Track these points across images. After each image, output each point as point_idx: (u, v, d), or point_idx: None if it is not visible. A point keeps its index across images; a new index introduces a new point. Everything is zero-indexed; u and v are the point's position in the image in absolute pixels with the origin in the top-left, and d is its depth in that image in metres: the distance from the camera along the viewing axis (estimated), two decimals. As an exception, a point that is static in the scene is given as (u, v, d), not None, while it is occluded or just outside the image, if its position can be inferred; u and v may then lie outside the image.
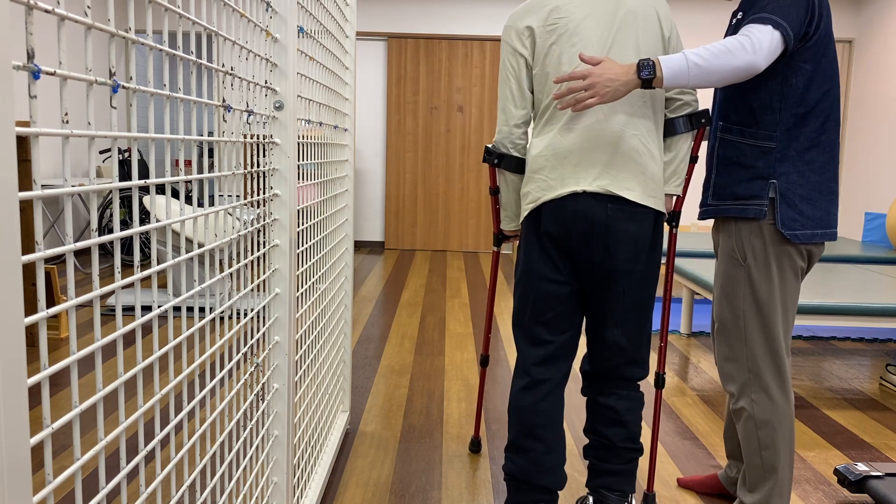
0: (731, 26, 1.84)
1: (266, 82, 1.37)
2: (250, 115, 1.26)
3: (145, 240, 5.99)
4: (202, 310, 4.98)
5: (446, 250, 7.39)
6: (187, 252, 4.33)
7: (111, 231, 6.28)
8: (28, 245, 3.38)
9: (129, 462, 1.88)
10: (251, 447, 1.38)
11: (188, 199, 6.10)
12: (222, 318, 4.41)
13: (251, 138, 1.30)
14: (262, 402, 1.46)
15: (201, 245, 4.17)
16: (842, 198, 7.09)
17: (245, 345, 1.63)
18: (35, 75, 0.62)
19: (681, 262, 3.86)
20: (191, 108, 2.08)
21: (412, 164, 7.31)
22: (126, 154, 6.05)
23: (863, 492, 2.12)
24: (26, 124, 3.68)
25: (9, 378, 0.57)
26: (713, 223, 1.96)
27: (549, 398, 1.82)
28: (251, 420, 1.39)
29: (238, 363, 2.09)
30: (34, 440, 0.64)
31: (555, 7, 1.74)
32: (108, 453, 2.35)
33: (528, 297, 1.82)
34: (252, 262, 1.81)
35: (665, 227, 5.21)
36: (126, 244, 5.87)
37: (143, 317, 0.91)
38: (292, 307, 1.51)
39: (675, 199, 1.92)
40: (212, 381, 1.37)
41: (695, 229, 7.00)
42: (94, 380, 3.03)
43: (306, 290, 1.85)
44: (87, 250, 6.15)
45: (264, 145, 1.39)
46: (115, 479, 0.81)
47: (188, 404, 1.04)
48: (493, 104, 7.25)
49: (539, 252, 1.79)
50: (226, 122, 1.14)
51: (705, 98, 7.47)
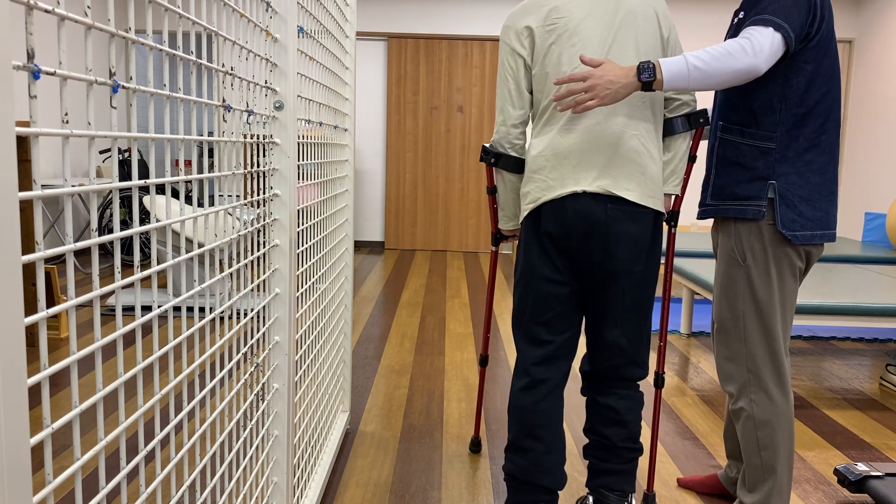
0: (732, 25, 1.83)
1: (266, 82, 1.37)
2: (250, 115, 1.26)
3: (145, 240, 5.98)
4: (202, 310, 4.98)
5: (446, 250, 7.39)
6: (187, 252, 4.33)
7: (111, 231, 6.28)
8: (28, 245, 3.38)
9: (129, 462, 1.88)
10: (251, 447, 1.38)
11: (188, 199, 6.10)
12: (222, 318, 4.41)
13: (251, 138, 1.30)
14: (262, 402, 1.46)
15: (201, 245, 4.17)
16: (842, 198, 7.09)
17: (245, 345, 1.63)
18: (35, 75, 0.62)
19: (681, 262, 3.86)
20: (191, 108, 2.08)
21: (412, 164, 7.31)
22: (126, 154, 6.05)
23: (863, 492, 2.12)
24: (26, 124, 3.68)
25: (9, 378, 0.57)
26: (713, 223, 1.96)
27: (549, 398, 1.82)
28: (251, 420, 1.39)
29: (238, 363, 2.09)
30: (34, 440, 0.64)
31: (554, 7, 1.73)
32: (108, 453, 2.35)
33: (527, 296, 1.82)
34: (252, 262, 1.81)
35: (664, 227, 5.20)
36: (126, 244, 5.87)
37: (143, 317, 0.91)
38: (292, 307, 1.51)
39: (673, 198, 1.91)
40: (212, 381, 1.37)
41: (695, 229, 7.00)
42: (94, 380, 3.03)
43: (306, 290, 1.85)
44: (87, 250, 6.15)
45: (264, 145, 1.39)
46: (115, 479, 0.81)
47: (188, 404, 1.04)
48: (493, 104, 7.25)
49: (539, 252, 1.79)
50: (226, 122, 1.14)
51: (706, 97, 7.47)
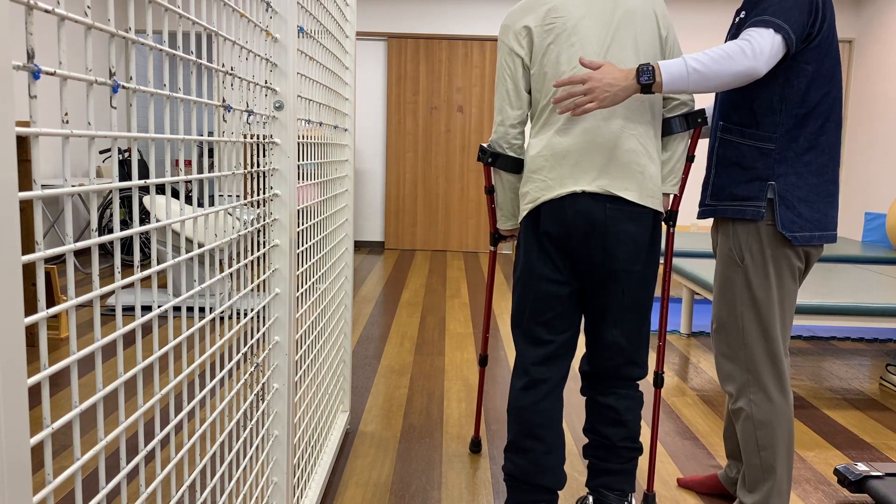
0: (733, 25, 1.83)
1: (266, 82, 1.37)
2: (250, 115, 1.26)
3: (145, 240, 5.99)
4: (202, 310, 4.98)
5: (446, 250, 7.39)
6: (187, 252, 4.33)
7: (111, 231, 6.28)
8: (28, 245, 3.38)
9: (129, 462, 1.88)
10: (251, 447, 1.38)
11: (188, 199, 6.10)
12: (222, 318, 4.41)
13: (251, 138, 1.30)
14: (262, 402, 1.46)
15: (201, 245, 4.17)
16: (842, 198, 7.09)
17: (245, 345, 1.63)
18: (35, 75, 0.62)
19: (680, 262, 3.86)
20: (191, 108, 2.08)
21: (412, 164, 7.31)
22: (126, 154, 6.05)
23: (863, 492, 2.12)
24: (26, 124, 3.68)
25: (9, 378, 0.57)
26: (712, 223, 1.96)
27: (549, 398, 1.82)
28: (251, 420, 1.39)
29: (238, 363, 2.09)
30: (34, 440, 0.64)
31: (552, 6, 1.73)
32: (108, 453, 2.35)
33: (527, 296, 1.82)
34: (252, 262, 1.81)
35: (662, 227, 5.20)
36: (126, 244, 5.87)
37: (143, 317, 0.91)
38: (292, 307, 1.51)
39: (671, 198, 1.92)
40: (212, 381, 1.37)
41: (694, 229, 7.00)
42: (94, 380, 3.03)
43: (306, 290, 1.85)
44: (87, 250, 6.15)
45: (264, 145, 1.39)
46: (115, 479, 0.81)
47: (188, 404, 1.04)
48: (492, 104, 7.25)
49: (538, 252, 1.79)
50: (226, 122, 1.14)
51: (706, 97, 7.47)
